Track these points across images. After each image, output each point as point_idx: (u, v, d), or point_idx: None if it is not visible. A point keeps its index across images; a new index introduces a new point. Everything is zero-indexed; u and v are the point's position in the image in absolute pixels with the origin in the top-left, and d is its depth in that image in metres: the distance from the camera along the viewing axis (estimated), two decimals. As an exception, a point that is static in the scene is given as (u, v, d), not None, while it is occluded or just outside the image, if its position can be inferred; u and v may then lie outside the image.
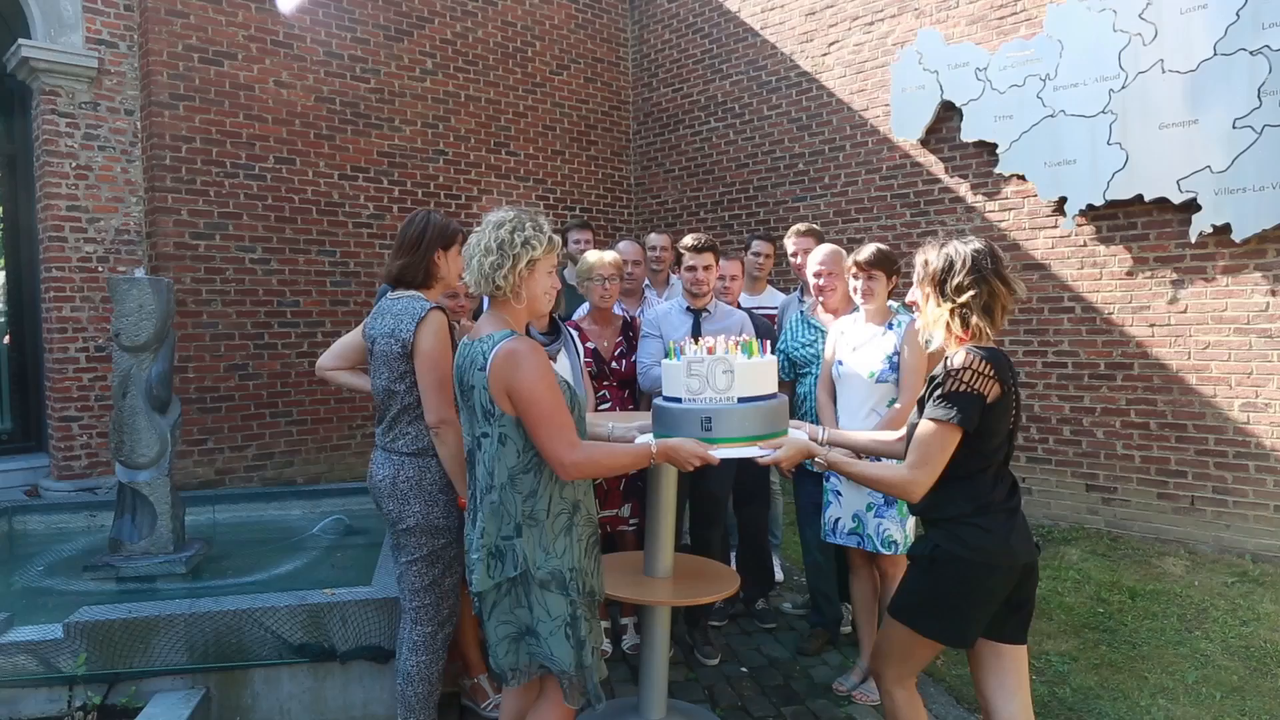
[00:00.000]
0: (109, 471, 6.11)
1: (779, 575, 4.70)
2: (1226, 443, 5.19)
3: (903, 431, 2.53)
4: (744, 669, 3.74)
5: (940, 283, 2.29)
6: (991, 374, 2.20)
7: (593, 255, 3.83)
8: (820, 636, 3.89)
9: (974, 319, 2.25)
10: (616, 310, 4.07)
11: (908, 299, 2.48)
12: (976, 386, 2.18)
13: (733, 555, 4.44)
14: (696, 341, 2.58)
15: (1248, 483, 5.11)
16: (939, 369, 2.29)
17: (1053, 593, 4.57)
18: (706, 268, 3.81)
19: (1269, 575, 4.72)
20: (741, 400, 2.38)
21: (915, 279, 2.38)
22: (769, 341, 2.84)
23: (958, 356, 2.23)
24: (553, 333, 3.52)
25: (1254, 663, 3.74)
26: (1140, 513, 5.54)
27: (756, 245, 4.90)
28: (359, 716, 3.16)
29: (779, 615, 4.31)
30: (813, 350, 3.70)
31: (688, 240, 3.87)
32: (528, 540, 2.23)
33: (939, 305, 2.30)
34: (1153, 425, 5.49)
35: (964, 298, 2.24)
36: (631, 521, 3.84)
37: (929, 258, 2.33)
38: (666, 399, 2.53)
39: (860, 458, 2.66)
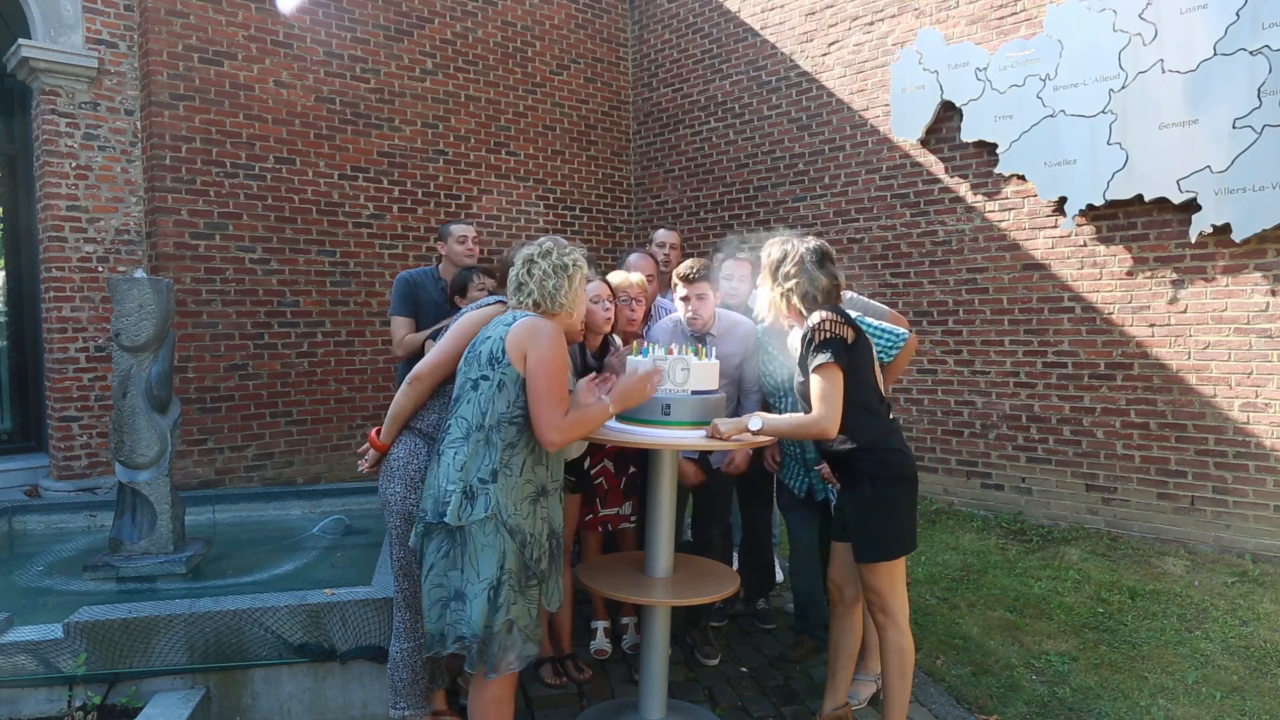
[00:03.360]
0: (109, 471, 6.12)
1: (779, 575, 4.70)
2: (1226, 443, 5.19)
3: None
4: (744, 669, 3.74)
5: (775, 270, 2.90)
6: (843, 320, 2.78)
7: (618, 275, 3.79)
8: (805, 644, 3.87)
9: (794, 301, 2.85)
10: None
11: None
12: (836, 332, 2.74)
13: (735, 553, 4.44)
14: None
15: (1248, 483, 5.11)
16: (806, 327, 2.78)
17: (1053, 593, 4.57)
18: (701, 297, 3.61)
19: (1269, 575, 4.72)
20: (694, 392, 2.94)
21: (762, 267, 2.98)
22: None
23: (813, 318, 2.78)
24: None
25: (1254, 663, 3.74)
26: (1140, 513, 5.54)
27: (660, 235, 4.92)
28: (359, 716, 3.16)
29: (779, 615, 4.32)
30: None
31: (680, 269, 3.66)
32: (501, 488, 2.44)
33: (772, 288, 2.91)
34: (1153, 425, 5.49)
35: (789, 284, 2.85)
36: (632, 519, 3.84)
37: (772, 251, 2.94)
38: None
39: None
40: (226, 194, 6.60)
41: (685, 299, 3.64)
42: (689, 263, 3.69)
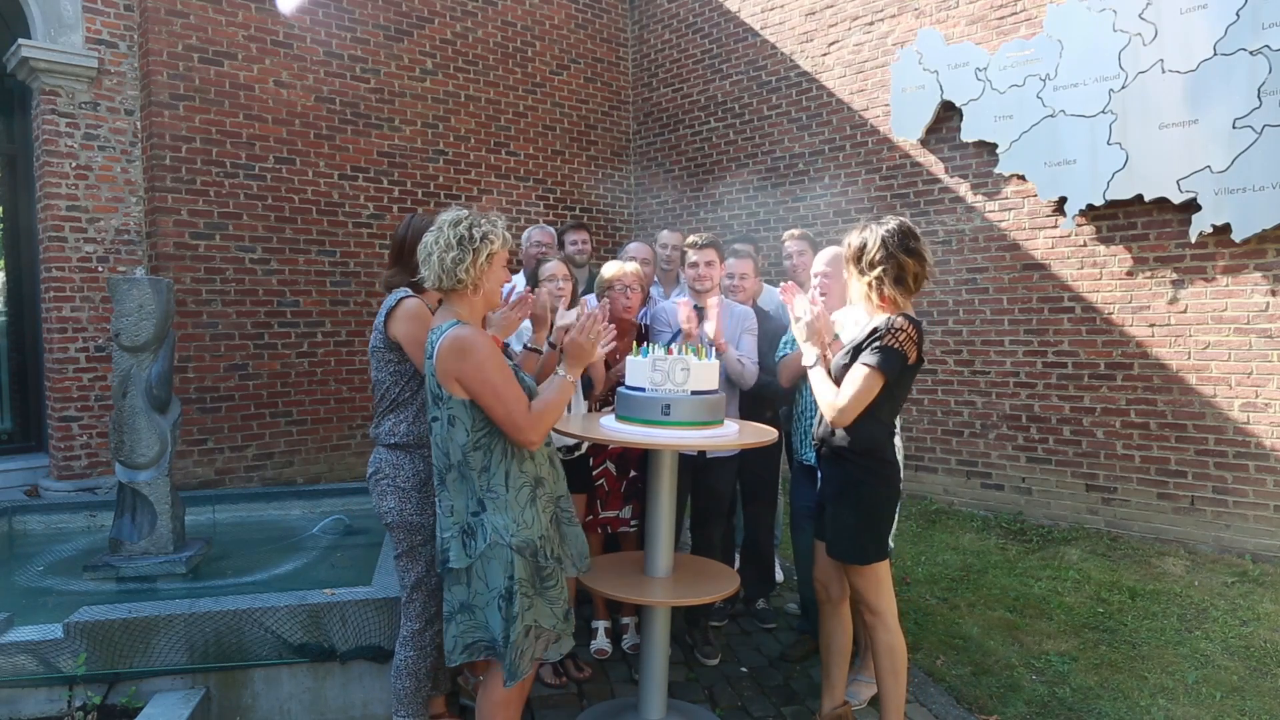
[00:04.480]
0: (109, 471, 6.12)
1: (779, 575, 4.70)
2: (1226, 443, 5.19)
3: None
4: (744, 669, 3.74)
5: (858, 260, 2.76)
6: (916, 340, 2.68)
7: (613, 265, 3.81)
8: (806, 643, 3.87)
9: (886, 289, 2.70)
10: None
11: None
12: (905, 348, 2.65)
13: (736, 554, 4.44)
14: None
15: (1248, 483, 5.11)
16: (881, 323, 2.69)
17: (1053, 593, 4.57)
18: (709, 263, 3.85)
19: (1269, 575, 4.72)
20: (694, 392, 2.90)
21: (844, 261, 2.88)
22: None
23: (898, 319, 2.68)
24: None
25: (1254, 663, 3.74)
26: (1140, 513, 5.54)
27: (663, 236, 5.05)
28: (359, 716, 3.16)
29: (779, 615, 4.32)
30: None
31: (691, 237, 3.95)
32: (493, 514, 2.39)
33: (859, 279, 2.77)
34: (1153, 425, 5.49)
35: (876, 271, 2.70)
36: (633, 523, 3.84)
37: (851, 240, 2.81)
38: (630, 387, 2.97)
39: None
40: (226, 194, 6.59)
41: (694, 264, 3.86)
42: (698, 234, 3.95)
